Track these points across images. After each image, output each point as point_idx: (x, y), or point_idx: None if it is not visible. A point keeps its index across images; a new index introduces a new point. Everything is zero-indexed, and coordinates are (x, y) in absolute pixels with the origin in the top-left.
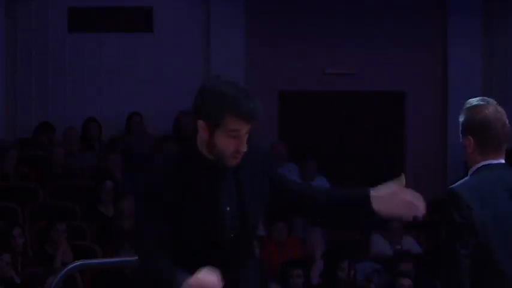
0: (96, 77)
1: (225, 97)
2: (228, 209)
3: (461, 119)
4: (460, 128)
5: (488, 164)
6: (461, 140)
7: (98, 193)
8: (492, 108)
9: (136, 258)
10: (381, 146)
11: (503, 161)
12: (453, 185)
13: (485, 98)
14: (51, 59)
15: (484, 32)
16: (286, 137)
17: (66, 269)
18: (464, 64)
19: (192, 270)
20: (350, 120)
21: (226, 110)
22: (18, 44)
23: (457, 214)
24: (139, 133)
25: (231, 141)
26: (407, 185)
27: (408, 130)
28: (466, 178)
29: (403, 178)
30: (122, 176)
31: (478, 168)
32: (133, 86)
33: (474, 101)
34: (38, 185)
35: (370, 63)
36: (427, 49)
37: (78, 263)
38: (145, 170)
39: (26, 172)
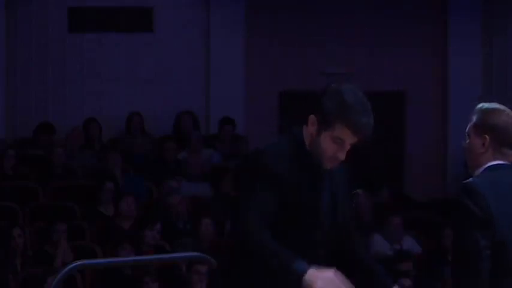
0: (96, 77)
1: (342, 105)
2: (325, 210)
3: (475, 119)
4: (472, 128)
5: (498, 164)
6: (468, 140)
7: (98, 193)
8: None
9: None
10: (380, 146)
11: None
12: (468, 180)
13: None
14: (51, 59)
15: (484, 32)
16: None
17: (66, 269)
18: (464, 64)
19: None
20: None
21: (338, 118)
22: (18, 44)
23: (475, 207)
24: (139, 133)
25: (333, 147)
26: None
27: (408, 130)
28: (477, 175)
29: None
30: (122, 176)
31: (489, 167)
32: (133, 86)
33: (492, 104)
34: (38, 185)
35: (370, 63)
36: (427, 49)
37: (78, 263)
38: (265, 152)
39: (26, 172)
